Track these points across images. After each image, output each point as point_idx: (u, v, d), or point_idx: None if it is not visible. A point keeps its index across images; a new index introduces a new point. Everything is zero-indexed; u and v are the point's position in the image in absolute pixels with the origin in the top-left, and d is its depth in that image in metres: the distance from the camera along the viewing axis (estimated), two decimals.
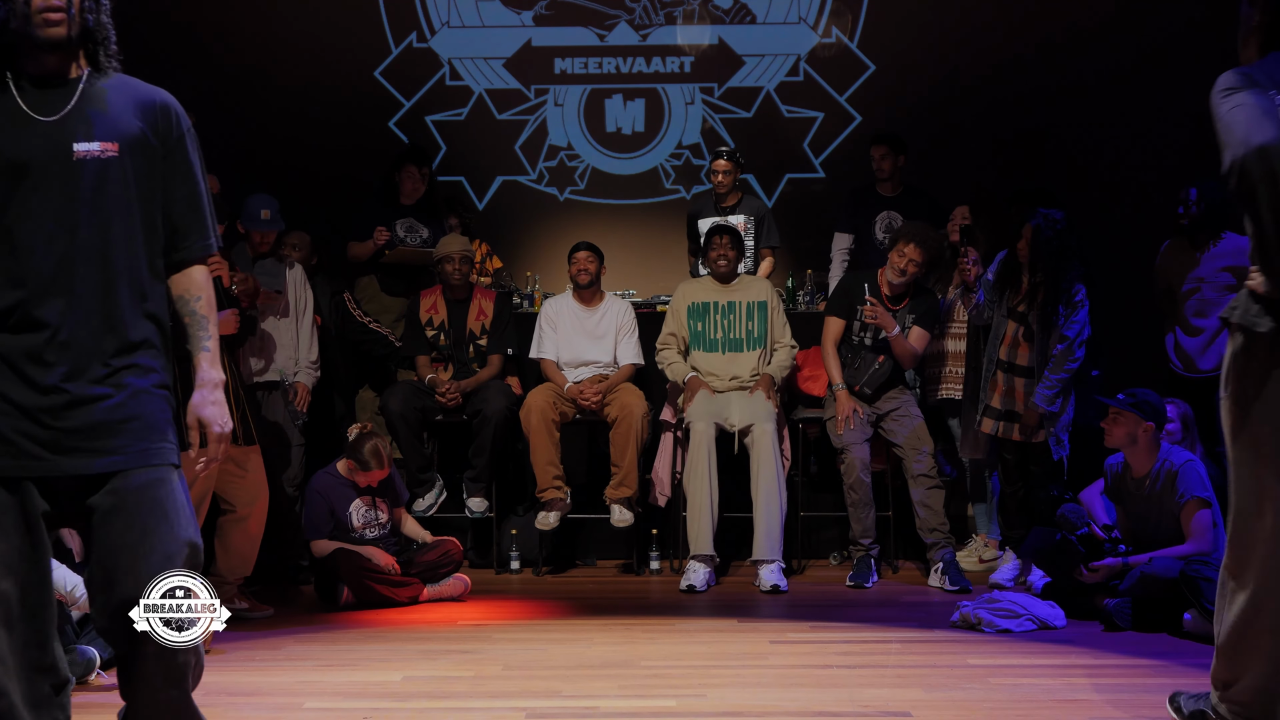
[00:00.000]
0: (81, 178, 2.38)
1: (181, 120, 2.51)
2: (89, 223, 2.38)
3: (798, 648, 4.26)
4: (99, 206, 2.39)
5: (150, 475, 2.35)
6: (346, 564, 4.97)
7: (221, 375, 2.52)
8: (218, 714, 3.45)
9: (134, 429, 2.36)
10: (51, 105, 2.41)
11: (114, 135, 2.41)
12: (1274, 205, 2.61)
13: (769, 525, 5.32)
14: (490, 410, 5.63)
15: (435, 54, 7.45)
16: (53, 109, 2.40)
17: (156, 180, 2.47)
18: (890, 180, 6.43)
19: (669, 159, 7.52)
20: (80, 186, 2.38)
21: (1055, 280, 5.05)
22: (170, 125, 2.49)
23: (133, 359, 2.39)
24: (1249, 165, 2.60)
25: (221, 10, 7.29)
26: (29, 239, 2.35)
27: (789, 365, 5.71)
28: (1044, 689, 3.64)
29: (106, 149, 2.40)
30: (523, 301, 6.43)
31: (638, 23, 7.46)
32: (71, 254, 2.37)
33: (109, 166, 2.40)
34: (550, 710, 3.46)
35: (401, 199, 6.28)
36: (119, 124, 2.43)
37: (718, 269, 5.76)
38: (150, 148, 2.45)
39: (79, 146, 2.39)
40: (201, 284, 2.53)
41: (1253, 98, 2.66)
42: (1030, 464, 5.24)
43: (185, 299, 2.51)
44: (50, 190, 2.37)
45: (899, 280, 5.51)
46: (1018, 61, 7.20)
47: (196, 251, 2.52)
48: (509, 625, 4.70)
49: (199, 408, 2.47)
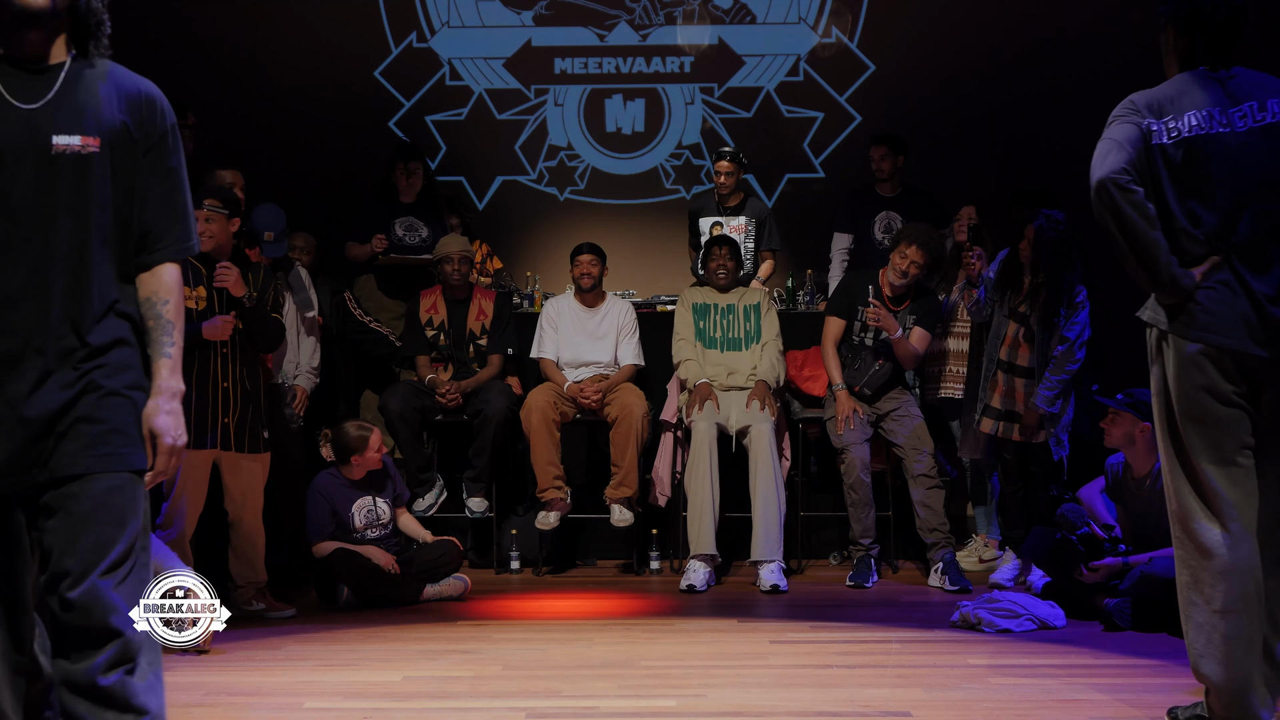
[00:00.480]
0: (59, 173, 2.23)
1: (166, 116, 2.37)
2: (63, 222, 2.23)
3: (798, 648, 4.26)
4: (76, 206, 2.24)
5: (109, 482, 2.24)
6: (346, 564, 4.97)
7: (181, 385, 2.34)
8: (218, 714, 3.46)
9: (96, 433, 2.24)
10: (31, 91, 2.24)
11: (97, 129, 2.26)
12: (1131, 227, 2.87)
13: (768, 525, 5.32)
14: (490, 410, 5.63)
15: (435, 54, 7.45)
16: (32, 95, 2.24)
17: (135, 177, 2.32)
18: (890, 180, 6.43)
19: (669, 159, 7.52)
20: (57, 182, 2.23)
21: (1056, 281, 5.05)
22: (154, 120, 2.34)
23: (103, 360, 2.27)
24: (1095, 194, 2.88)
25: (221, 10, 7.29)
26: (9, 241, 2.21)
27: (780, 363, 5.68)
28: (1044, 689, 3.63)
29: (88, 144, 2.25)
30: (523, 301, 6.43)
31: (638, 23, 7.46)
32: (47, 255, 2.23)
33: (89, 163, 2.25)
34: (550, 710, 3.46)
35: (400, 197, 6.28)
36: (102, 117, 2.28)
37: (717, 280, 5.78)
38: (132, 143, 2.31)
39: (59, 139, 2.23)
40: (171, 287, 2.36)
41: (1118, 129, 2.93)
42: (1030, 464, 5.24)
43: (152, 301, 2.34)
44: (23, 184, 2.22)
45: (900, 282, 5.51)
46: (1018, 61, 7.21)
47: (170, 253, 2.36)
48: (509, 625, 4.70)
49: (151, 416, 2.29)
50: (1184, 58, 3.04)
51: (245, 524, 4.80)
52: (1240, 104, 2.95)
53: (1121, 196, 2.86)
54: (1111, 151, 2.89)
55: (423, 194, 6.36)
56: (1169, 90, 2.98)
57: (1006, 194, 6.05)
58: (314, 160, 7.15)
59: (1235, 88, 2.97)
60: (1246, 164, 2.93)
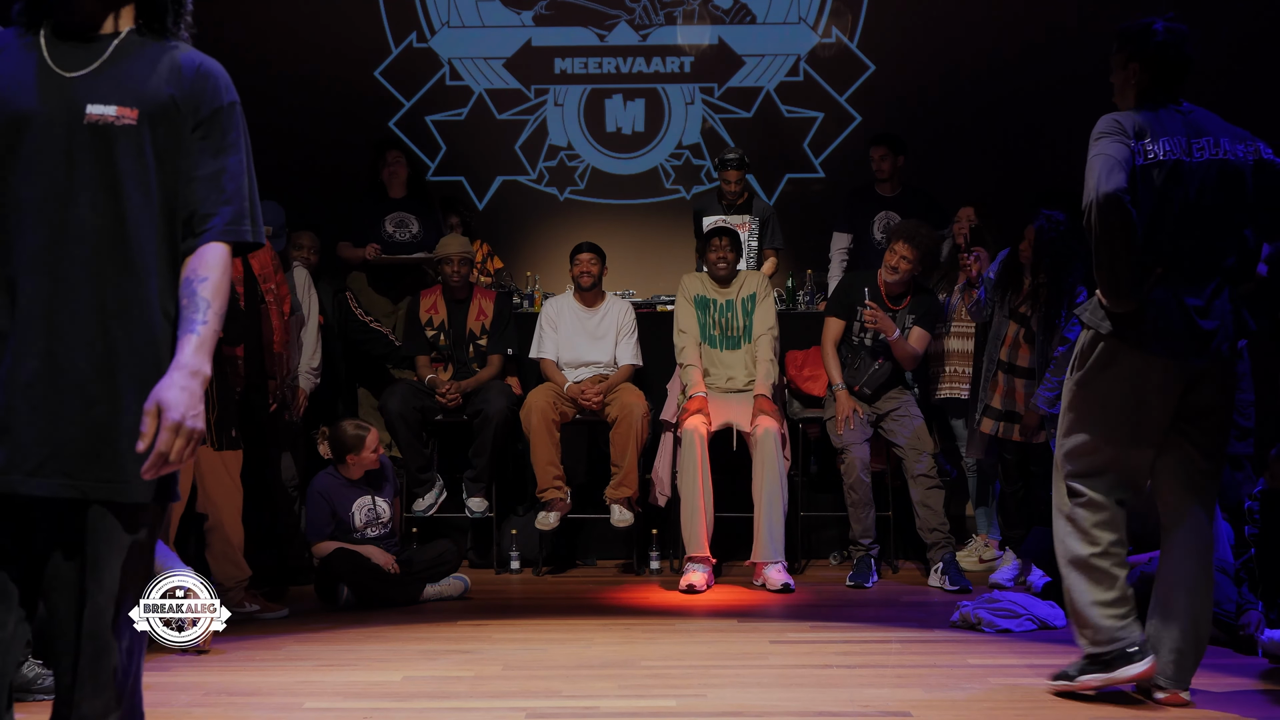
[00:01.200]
0: (89, 144, 2.08)
1: (222, 93, 2.17)
2: (88, 198, 2.08)
3: (798, 648, 4.26)
4: (106, 182, 2.09)
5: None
6: (346, 564, 4.97)
7: (204, 366, 2.08)
8: (218, 714, 3.45)
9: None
10: (77, 60, 2.11)
11: (136, 100, 2.10)
12: (1121, 242, 3.17)
13: (772, 527, 5.31)
14: (490, 410, 5.63)
15: (435, 54, 7.46)
16: (77, 64, 2.11)
17: (182, 157, 2.14)
18: (890, 180, 6.44)
19: (669, 159, 7.52)
20: (85, 154, 2.08)
21: (1057, 282, 5.04)
22: (206, 94, 2.15)
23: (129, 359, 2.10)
24: (1100, 208, 3.14)
25: (221, 11, 7.29)
26: (20, 208, 2.07)
27: (773, 369, 5.62)
28: (1044, 689, 3.63)
29: (124, 115, 2.09)
30: (523, 301, 6.43)
31: (638, 23, 7.46)
32: (61, 231, 2.07)
33: (125, 135, 2.09)
34: (550, 710, 3.45)
35: (389, 192, 6.29)
36: (145, 89, 2.12)
37: (717, 270, 5.75)
38: (178, 118, 2.13)
39: (92, 109, 2.08)
40: (211, 264, 2.12)
41: (1113, 146, 3.21)
42: (1030, 464, 5.24)
43: (190, 280, 2.12)
44: (51, 152, 2.08)
45: (893, 279, 5.51)
46: (1017, 61, 7.21)
47: (216, 234, 2.14)
48: (509, 625, 4.69)
49: (161, 391, 2.02)
50: (1144, 91, 3.38)
51: (224, 524, 4.67)
52: (1200, 138, 3.31)
53: (1119, 212, 3.13)
54: (1115, 169, 3.16)
55: (411, 186, 6.36)
56: (1146, 116, 3.30)
57: (1006, 194, 6.06)
58: (314, 160, 7.16)
59: (1195, 121, 3.34)
60: (1201, 193, 3.27)
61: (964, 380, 5.68)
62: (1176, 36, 3.36)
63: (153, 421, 2.01)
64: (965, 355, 5.70)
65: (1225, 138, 3.32)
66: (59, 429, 2.06)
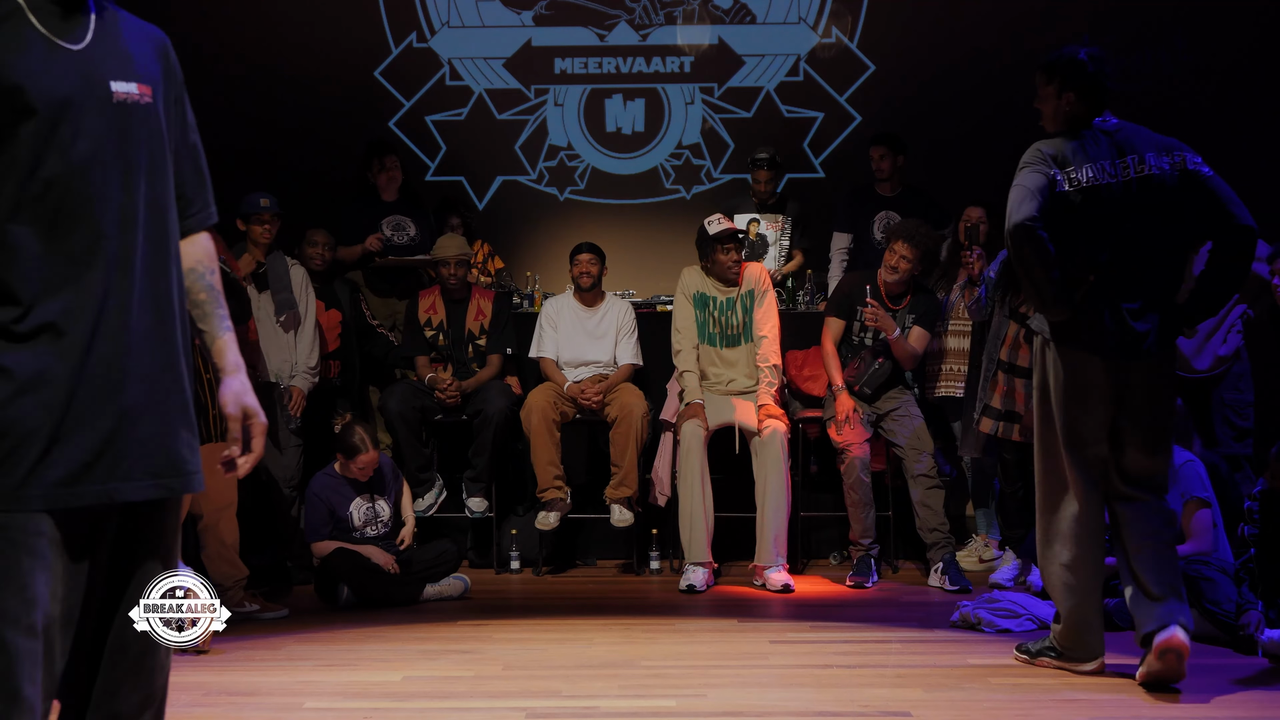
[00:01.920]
0: (122, 125, 1.93)
1: (178, 66, 2.11)
2: (141, 184, 1.95)
3: (798, 648, 4.26)
4: (149, 165, 1.97)
5: None
6: (346, 564, 4.97)
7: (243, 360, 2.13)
8: (218, 714, 3.46)
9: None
10: (70, 29, 1.91)
11: (147, 77, 1.99)
12: (1036, 264, 3.48)
13: (776, 530, 5.31)
14: (490, 410, 5.63)
15: (435, 54, 7.45)
16: (73, 34, 1.92)
17: (176, 135, 2.07)
18: (890, 180, 6.44)
19: (669, 159, 7.52)
20: (127, 135, 1.94)
21: None
22: (175, 68, 2.09)
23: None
24: (1013, 237, 3.49)
25: (221, 11, 7.29)
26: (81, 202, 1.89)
27: (777, 367, 5.61)
28: (1044, 689, 3.64)
29: (144, 93, 1.97)
30: (523, 301, 6.42)
31: (638, 23, 7.46)
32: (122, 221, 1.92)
33: (148, 115, 1.98)
34: (550, 710, 3.46)
35: (382, 195, 6.29)
36: (147, 64, 2.01)
37: (729, 275, 5.64)
38: (169, 94, 2.05)
39: (117, 86, 1.93)
40: (212, 253, 2.12)
41: (1030, 178, 3.53)
42: (1030, 464, 5.23)
43: (199, 271, 2.08)
44: (89, 137, 1.89)
45: (892, 279, 5.51)
46: (1017, 61, 7.16)
47: (202, 219, 2.12)
48: (509, 625, 4.69)
49: (243, 395, 2.06)
50: (1076, 117, 3.64)
51: (218, 523, 4.63)
52: (1125, 157, 3.57)
53: (1031, 240, 3.44)
54: (1026, 199, 3.48)
55: (404, 190, 6.35)
56: (1070, 144, 3.59)
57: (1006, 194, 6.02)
58: (314, 160, 7.15)
59: (1122, 140, 3.60)
60: (1128, 210, 3.54)
61: (961, 379, 5.68)
62: (1102, 63, 3.63)
63: (239, 425, 2.05)
64: (962, 354, 5.70)
65: (1150, 153, 3.57)
66: (138, 427, 1.96)
